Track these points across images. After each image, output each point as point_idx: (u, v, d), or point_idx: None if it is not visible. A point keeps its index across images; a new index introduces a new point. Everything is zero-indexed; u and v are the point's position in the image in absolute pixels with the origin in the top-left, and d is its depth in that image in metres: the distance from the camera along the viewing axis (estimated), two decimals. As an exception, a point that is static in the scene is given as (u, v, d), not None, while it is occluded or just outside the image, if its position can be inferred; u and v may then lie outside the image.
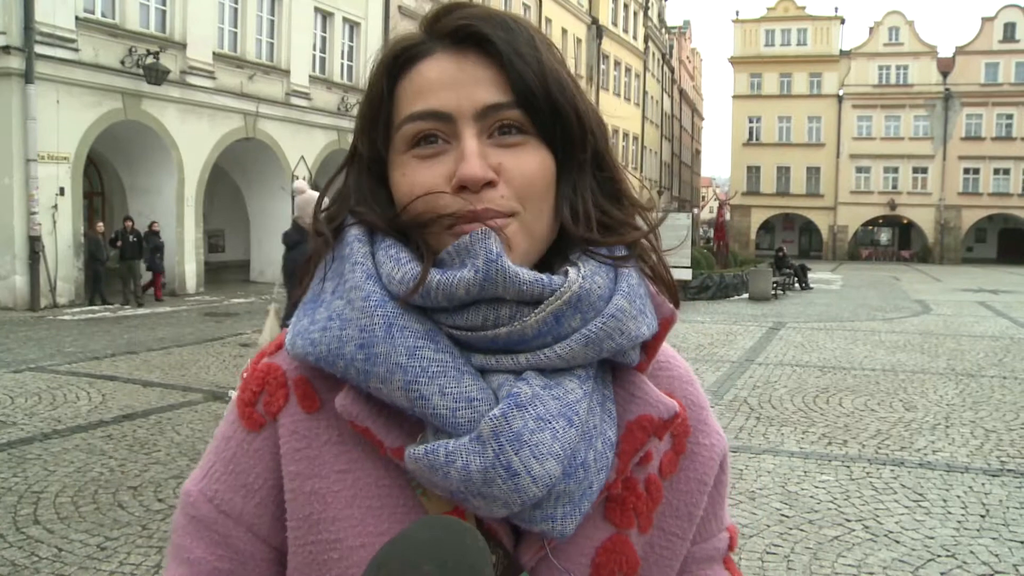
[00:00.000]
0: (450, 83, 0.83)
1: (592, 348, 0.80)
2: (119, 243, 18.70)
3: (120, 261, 18.66)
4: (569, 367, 0.81)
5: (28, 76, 16.47)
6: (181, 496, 0.91)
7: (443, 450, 0.76)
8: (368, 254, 0.84)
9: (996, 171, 56.75)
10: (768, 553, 4.97)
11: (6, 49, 16.31)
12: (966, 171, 57.27)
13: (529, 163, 0.83)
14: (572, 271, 0.82)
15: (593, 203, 0.88)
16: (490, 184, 0.81)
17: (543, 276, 0.80)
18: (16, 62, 16.41)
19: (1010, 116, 56.47)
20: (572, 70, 0.89)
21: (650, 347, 0.90)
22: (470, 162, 0.80)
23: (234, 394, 0.92)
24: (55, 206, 17.35)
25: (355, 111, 0.91)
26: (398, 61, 0.86)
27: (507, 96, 0.83)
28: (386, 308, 0.79)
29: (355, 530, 0.82)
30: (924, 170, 57.98)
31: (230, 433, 0.89)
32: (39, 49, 16.63)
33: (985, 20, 57.72)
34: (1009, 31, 56.81)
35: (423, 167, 0.83)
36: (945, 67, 58.05)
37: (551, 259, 0.87)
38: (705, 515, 0.95)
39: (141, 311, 17.55)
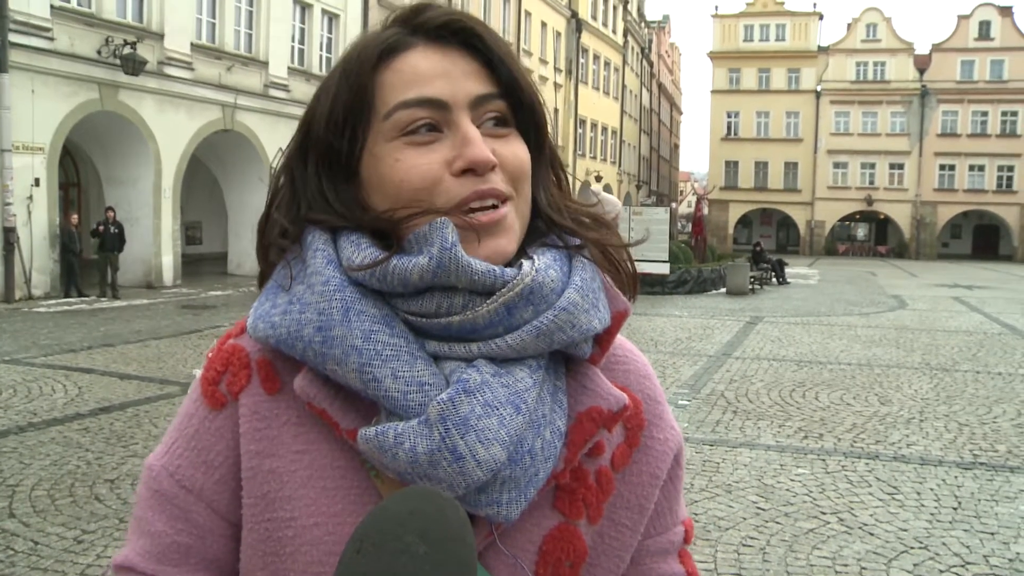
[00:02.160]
0: (441, 73, 0.86)
1: (543, 340, 0.82)
2: (101, 230, 18.52)
3: (99, 251, 18.51)
4: (520, 357, 0.83)
5: (2, 65, 16.26)
6: (144, 470, 0.92)
7: (392, 432, 0.78)
8: (329, 240, 0.86)
9: (971, 167, 57.30)
10: (744, 546, 5.02)
11: (-20, 37, 16.12)
12: (942, 167, 57.76)
13: (518, 151, 0.88)
14: (526, 264, 0.84)
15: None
16: (492, 168, 0.84)
17: (496, 268, 0.82)
18: (-10, 51, 16.22)
19: (985, 113, 57.01)
20: (552, 64, 0.94)
21: (603, 340, 0.91)
22: (477, 145, 0.83)
23: (198, 373, 0.94)
24: (30, 197, 17.17)
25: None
26: (383, 54, 0.87)
27: (494, 88, 0.87)
28: (344, 292, 0.82)
29: (309, 509, 0.84)
30: (901, 166, 58.44)
31: (193, 411, 0.91)
32: (13, 38, 16.43)
33: (961, 18, 58.19)
34: (984, 29, 57.30)
35: (419, 153, 0.84)
36: (922, 64, 58.50)
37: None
38: (659, 509, 0.97)
39: (117, 303, 17.42)
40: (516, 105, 0.88)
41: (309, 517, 0.84)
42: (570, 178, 1.00)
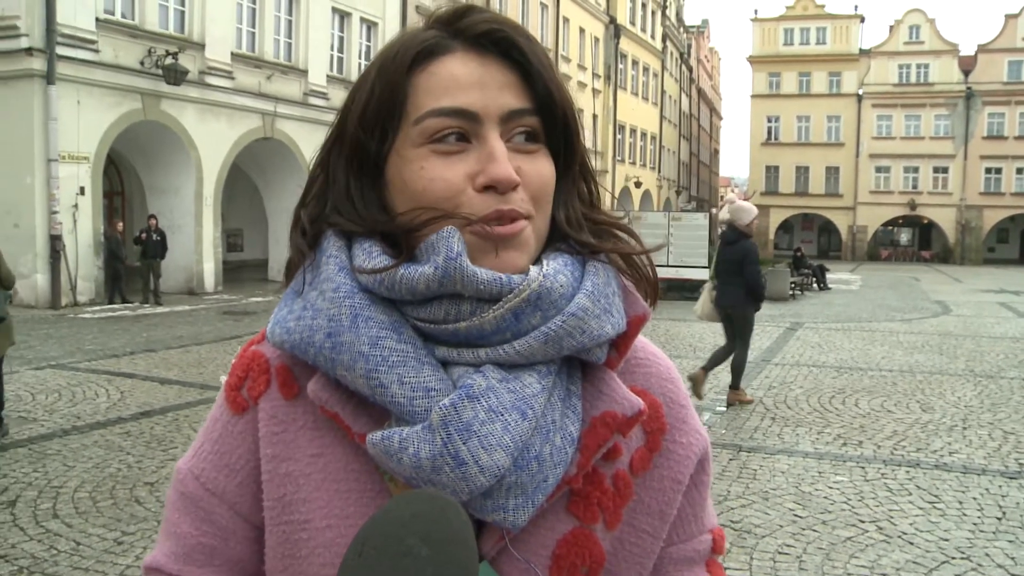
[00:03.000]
0: (477, 83, 0.84)
1: (552, 346, 0.82)
2: (143, 238, 18.81)
3: (142, 259, 18.80)
4: (529, 363, 0.83)
5: (50, 77, 16.63)
6: (174, 473, 0.95)
7: (397, 437, 0.79)
8: (343, 247, 0.87)
9: (1019, 170, 56.26)
10: (780, 553, 4.96)
11: (28, 51, 16.49)
12: (988, 171, 56.80)
13: (543, 169, 0.86)
14: (534, 269, 0.84)
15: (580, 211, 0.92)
16: (515, 187, 0.83)
17: (502, 275, 0.81)
18: (38, 63, 16.59)
19: (1033, 115, 55.96)
20: (590, 69, 0.92)
21: (621, 344, 0.90)
22: (502, 164, 0.82)
23: (224, 379, 0.96)
24: (75, 205, 17.51)
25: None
26: (419, 56, 0.87)
27: (528, 103, 0.86)
28: (354, 299, 0.82)
29: (323, 511, 0.85)
30: (945, 170, 57.56)
31: (218, 415, 0.94)
32: (60, 50, 16.79)
33: (1009, 17, 57.20)
34: (1032, 29, 56.30)
35: (445, 163, 0.84)
36: (967, 65, 57.58)
37: None
38: (683, 515, 0.95)
39: (160, 310, 17.67)
40: (549, 121, 0.87)
41: (323, 519, 0.85)
42: (607, 187, 0.98)
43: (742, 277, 8.87)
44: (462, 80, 0.84)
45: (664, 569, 0.94)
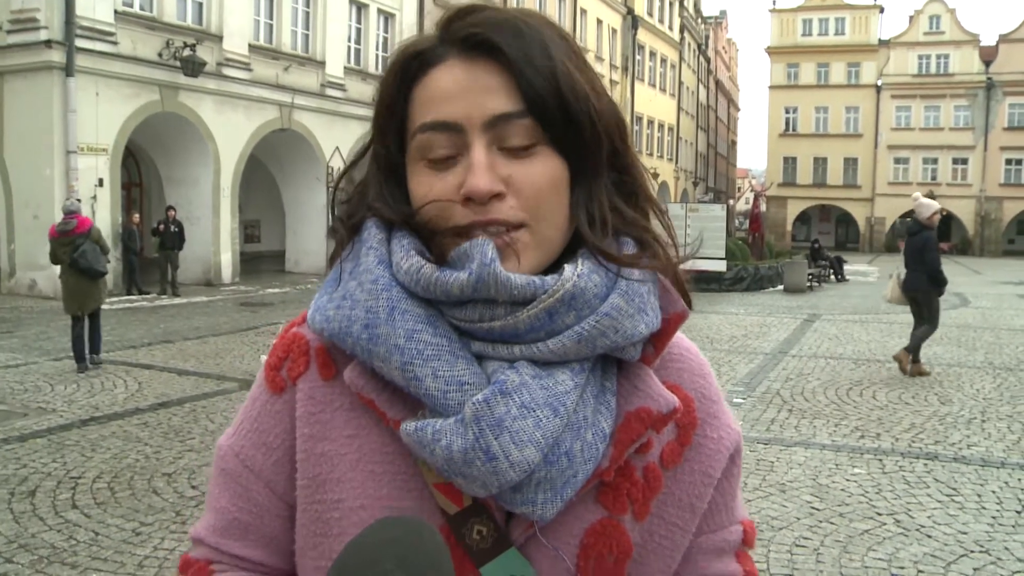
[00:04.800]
0: (460, 92, 0.84)
1: (585, 345, 0.82)
2: (161, 229, 18.90)
3: (160, 250, 18.89)
4: (563, 360, 0.83)
5: (68, 69, 16.74)
6: (216, 449, 0.98)
7: (431, 429, 0.80)
8: (384, 240, 0.87)
9: (1039, 161, 55.74)
10: (797, 546, 4.95)
11: (48, 43, 16.60)
12: (1008, 162, 56.29)
13: (539, 173, 0.84)
14: (568, 269, 0.83)
15: (609, 205, 0.88)
16: (498, 196, 0.82)
17: (535, 278, 0.81)
18: (57, 55, 16.69)
19: (1055, 105, 55.39)
20: (607, 61, 0.89)
21: (658, 342, 0.90)
22: (477, 175, 0.82)
23: (264, 359, 0.98)
24: (94, 197, 17.61)
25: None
26: (411, 67, 0.87)
27: (518, 104, 0.83)
28: (391, 292, 0.83)
29: (356, 491, 0.87)
30: (964, 161, 57.10)
31: (257, 394, 0.96)
32: (79, 43, 16.89)
33: (1029, 8, 56.60)
34: (1054, 19, 55.67)
35: (436, 177, 0.85)
36: (988, 56, 57.04)
37: (564, 255, 0.88)
38: (713, 507, 0.96)
39: (177, 301, 17.78)
40: (548, 120, 0.84)
41: (355, 499, 0.87)
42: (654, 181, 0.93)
43: (925, 264, 9.97)
44: (447, 90, 0.84)
45: (694, 559, 0.96)
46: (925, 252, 9.99)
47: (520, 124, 0.83)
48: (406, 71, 0.87)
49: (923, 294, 10.19)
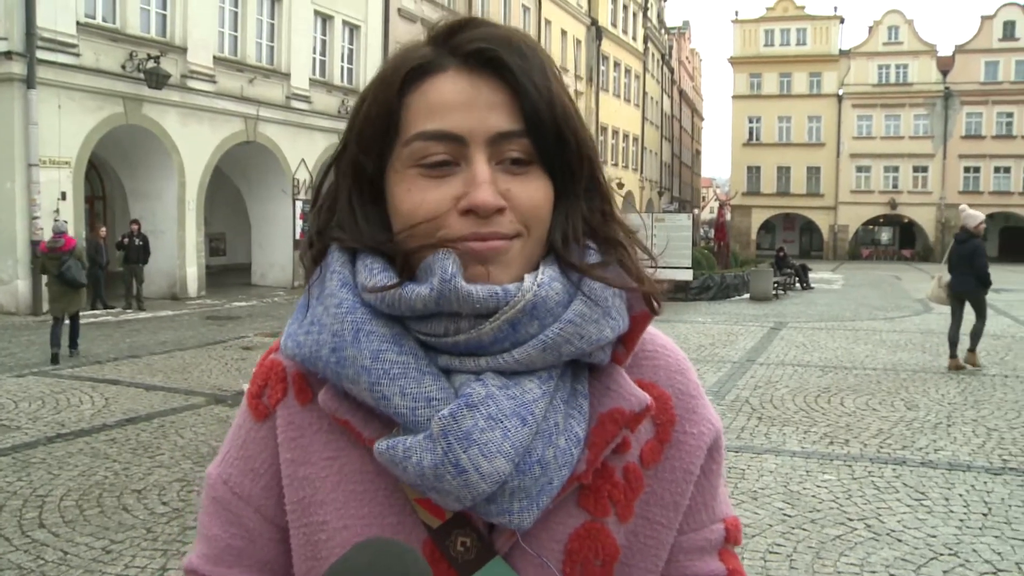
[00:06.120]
0: (465, 105, 0.84)
1: (550, 353, 0.83)
2: (126, 242, 18.68)
3: (124, 264, 18.67)
4: (530, 370, 0.83)
5: (30, 81, 16.50)
6: (205, 478, 0.99)
7: (401, 446, 0.81)
8: (346, 262, 0.88)
9: (996, 169, 56.81)
10: (771, 552, 4.99)
11: (8, 54, 16.34)
12: (966, 170, 57.30)
13: (535, 191, 0.85)
14: (527, 279, 0.84)
15: (584, 228, 0.89)
16: (499, 211, 0.83)
17: (498, 289, 0.82)
18: (18, 67, 16.44)
19: (1010, 114, 56.49)
20: (572, 72, 0.90)
21: (628, 340, 0.91)
22: (482, 189, 0.82)
23: (246, 387, 1.00)
24: (57, 210, 17.31)
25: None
26: (412, 74, 0.86)
27: (518, 124, 0.84)
28: (356, 314, 0.84)
29: (339, 512, 0.88)
30: (924, 169, 58.01)
31: (242, 422, 0.98)
32: (40, 54, 16.66)
33: (984, 19, 57.75)
34: (1009, 29, 56.81)
35: (431, 186, 0.84)
36: (945, 66, 58.07)
37: None
38: (693, 505, 0.96)
39: (143, 315, 17.56)
40: (543, 141, 0.85)
41: (339, 520, 0.88)
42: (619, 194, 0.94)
43: (973, 268, 11.22)
44: (450, 101, 0.84)
45: (675, 559, 0.95)
46: (975, 258, 11.23)
47: (519, 143, 0.84)
48: (407, 81, 0.87)
49: (972, 294, 11.46)
